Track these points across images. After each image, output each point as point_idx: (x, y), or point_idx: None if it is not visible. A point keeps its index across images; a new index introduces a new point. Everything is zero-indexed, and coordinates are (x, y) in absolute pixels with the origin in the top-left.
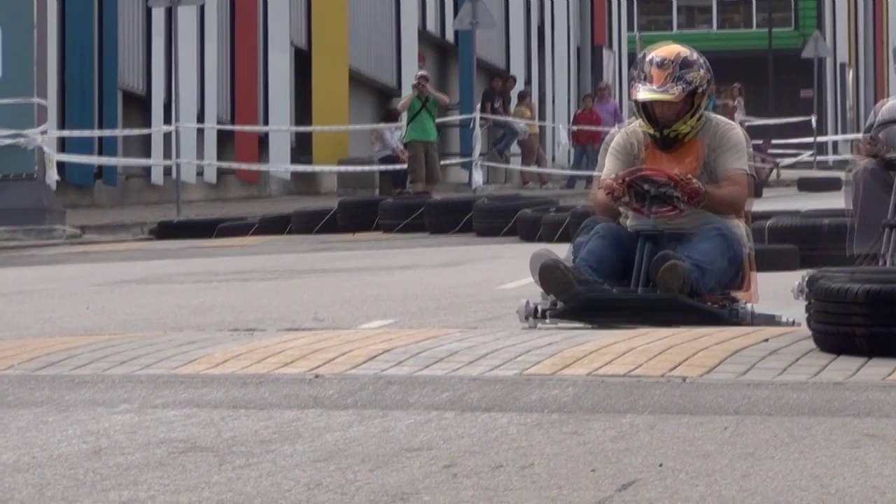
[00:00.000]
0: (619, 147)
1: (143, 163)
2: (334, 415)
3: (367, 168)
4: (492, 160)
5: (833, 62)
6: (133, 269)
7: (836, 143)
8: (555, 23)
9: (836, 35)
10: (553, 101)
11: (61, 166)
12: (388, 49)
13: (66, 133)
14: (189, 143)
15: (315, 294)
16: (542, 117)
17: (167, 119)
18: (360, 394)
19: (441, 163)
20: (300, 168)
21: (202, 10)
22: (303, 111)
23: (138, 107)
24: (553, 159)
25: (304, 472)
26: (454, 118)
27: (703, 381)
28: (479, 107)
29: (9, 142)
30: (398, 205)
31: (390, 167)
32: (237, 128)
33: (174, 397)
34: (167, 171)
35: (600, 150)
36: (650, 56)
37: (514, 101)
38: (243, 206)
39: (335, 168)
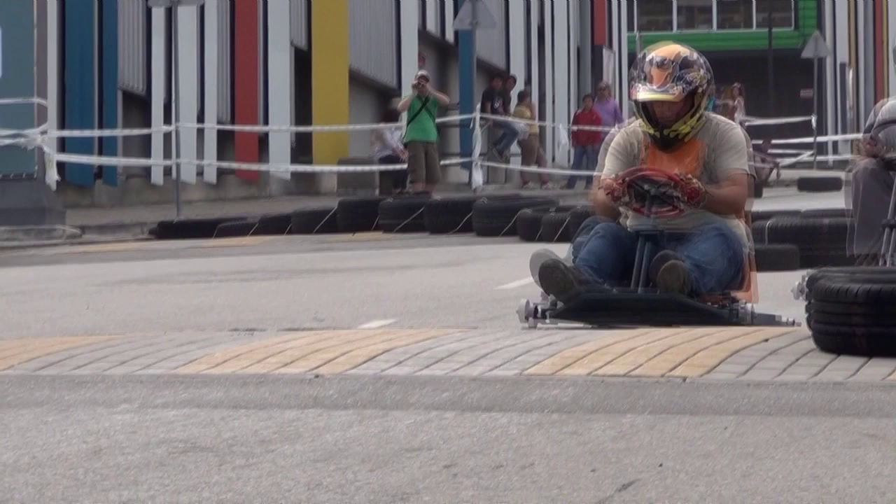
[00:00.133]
0: (619, 147)
1: (143, 163)
2: (334, 415)
3: (367, 168)
4: (492, 160)
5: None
6: (133, 269)
7: (836, 143)
8: (555, 23)
9: (836, 35)
10: (553, 101)
11: (61, 166)
12: (388, 49)
13: (66, 133)
14: (189, 143)
15: (315, 294)
16: (542, 117)
17: (167, 119)
18: (360, 394)
19: (441, 163)
20: (300, 168)
21: (202, 10)
22: (303, 111)
23: (138, 107)
24: (553, 159)
25: (304, 472)
26: (454, 118)
27: (704, 381)
28: (479, 107)
29: (9, 142)
30: (398, 205)
31: (390, 167)
32: (237, 128)
33: (174, 397)
34: (167, 171)
35: (600, 150)
36: (650, 56)
37: (514, 101)
38: (243, 206)
39: (335, 168)
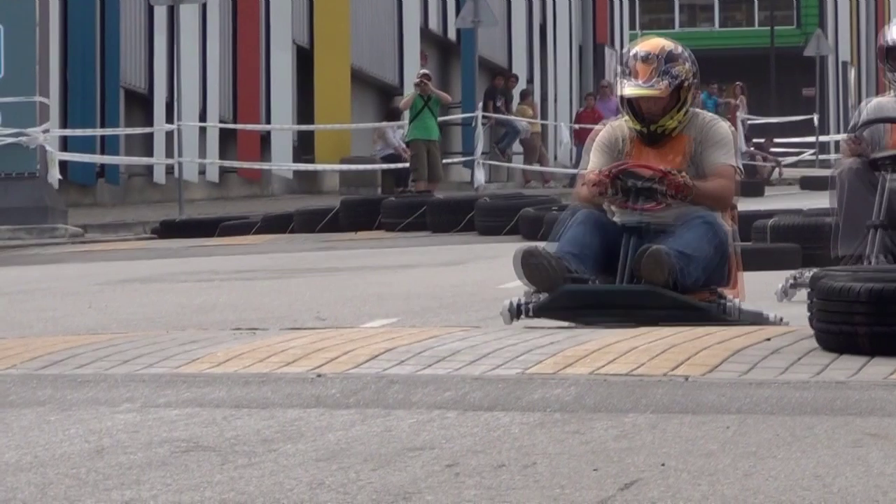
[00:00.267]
0: (605, 142)
1: (145, 161)
2: (336, 414)
3: (369, 167)
4: (494, 159)
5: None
6: (135, 268)
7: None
8: (557, 21)
9: (838, 33)
10: (555, 100)
11: (63, 165)
12: (391, 47)
13: (69, 132)
14: (191, 142)
15: (317, 293)
16: (544, 116)
17: (169, 118)
18: (362, 393)
19: (443, 161)
20: (302, 167)
21: (204, 8)
22: (305, 110)
23: (140, 105)
24: (555, 158)
25: (306, 471)
26: (456, 117)
27: (706, 380)
28: (481, 105)
29: (11, 140)
30: (400, 204)
31: (392, 166)
32: (239, 126)
33: (176, 396)
34: (169, 170)
35: (585, 144)
36: (634, 51)
37: (516, 100)
38: (245, 205)
39: (337, 167)
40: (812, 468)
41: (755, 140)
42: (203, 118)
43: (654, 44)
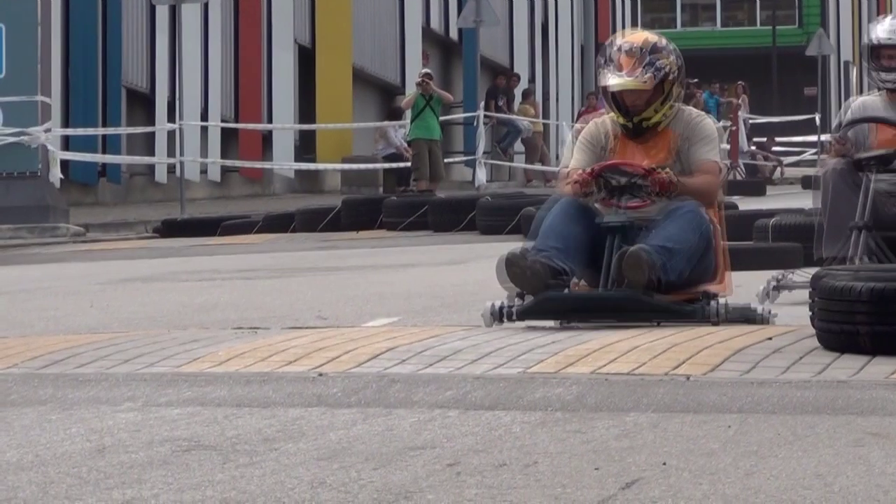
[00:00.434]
0: (588, 139)
1: (146, 161)
2: (338, 413)
3: (370, 166)
4: (495, 158)
5: (837, 60)
6: (137, 268)
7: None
8: (558, 21)
9: (839, 33)
10: (557, 99)
11: (65, 164)
12: (392, 47)
13: (70, 131)
14: (193, 141)
15: (318, 292)
16: (545, 115)
17: (171, 117)
18: (363, 392)
19: (445, 161)
20: (304, 166)
21: (206, 7)
22: (306, 109)
23: (142, 104)
24: (557, 157)
25: (307, 470)
26: (458, 116)
27: (707, 379)
28: (482, 105)
29: (13, 140)
30: (402, 203)
31: (394, 165)
32: (241, 126)
33: (178, 396)
34: (171, 169)
35: (569, 139)
36: (618, 43)
37: (517, 99)
38: (247, 204)
39: (339, 166)
40: (813, 467)
41: (757, 139)
42: (205, 117)
43: (638, 36)
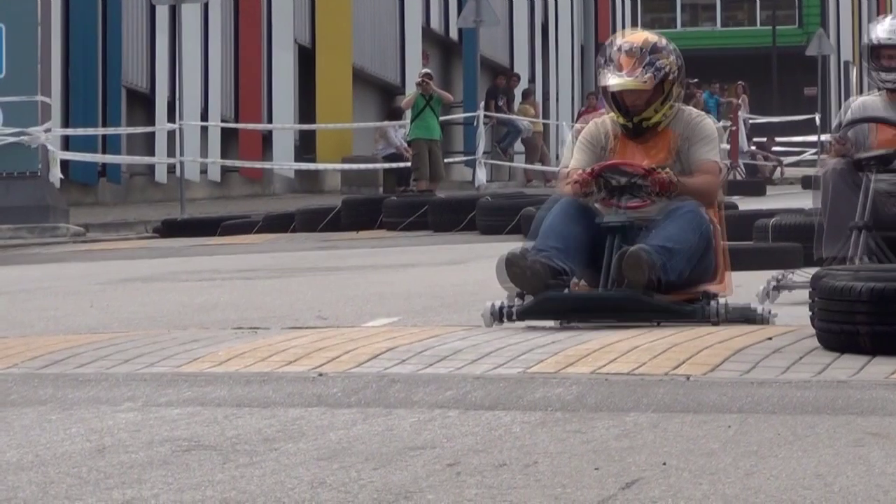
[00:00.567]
0: (588, 139)
1: (146, 161)
2: (338, 413)
3: (370, 166)
4: (495, 158)
5: (837, 60)
6: (137, 268)
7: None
8: (558, 21)
9: (839, 32)
10: (557, 99)
11: (65, 164)
12: (392, 47)
13: (70, 131)
14: (193, 141)
15: (318, 292)
16: (545, 115)
17: (171, 117)
18: (363, 392)
19: (445, 161)
20: (304, 166)
21: (206, 7)
22: (306, 109)
23: (142, 104)
24: (557, 157)
25: (307, 470)
26: (458, 116)
27: (707, 379)
28: (482, 105)
29: (13, 140)
30: (402, 203)
31: (394, 165)
32: (241, 126)
33: (178, 396)
34: (171, 169)
35: (569, 139)
36: (618, 43)
37: (517, 99)
38: (247, 204)
39: (339, 166)
40: (813, 467)
41: (757, 139)
42: (205, 117)
43: (638, 36)
